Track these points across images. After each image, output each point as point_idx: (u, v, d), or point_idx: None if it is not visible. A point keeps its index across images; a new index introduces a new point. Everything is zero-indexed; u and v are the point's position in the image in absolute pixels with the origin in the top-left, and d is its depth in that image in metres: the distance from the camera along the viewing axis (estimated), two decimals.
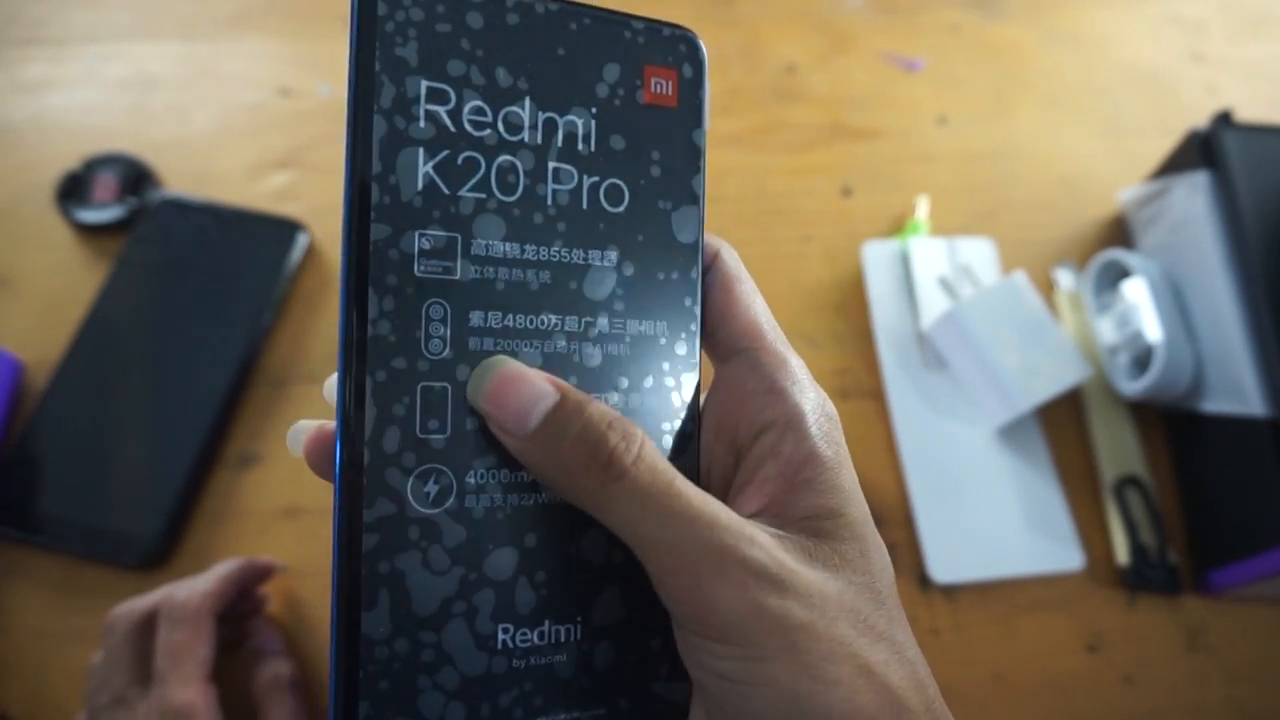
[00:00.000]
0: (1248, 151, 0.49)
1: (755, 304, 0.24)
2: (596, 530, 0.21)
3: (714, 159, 0.68)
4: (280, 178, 0.55)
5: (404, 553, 0.20)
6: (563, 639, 0.21)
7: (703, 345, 0.24)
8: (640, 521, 0.19)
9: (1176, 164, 0.54)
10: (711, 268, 0.24)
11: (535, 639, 0.21)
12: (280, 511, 0.46)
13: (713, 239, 0.24)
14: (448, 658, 0.20)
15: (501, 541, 0.21)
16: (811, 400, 0.22)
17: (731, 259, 0.24)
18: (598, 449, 0.19)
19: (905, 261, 0.55)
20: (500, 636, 0.20)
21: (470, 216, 0.21)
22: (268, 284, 0.50)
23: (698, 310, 0.23)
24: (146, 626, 0.37)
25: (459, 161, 0.21)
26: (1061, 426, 0.52)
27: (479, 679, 0.20)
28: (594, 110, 0.22)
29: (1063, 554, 0.48)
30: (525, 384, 0.20)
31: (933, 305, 0.54)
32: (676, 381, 0.23)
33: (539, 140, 0.21)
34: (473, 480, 0.20)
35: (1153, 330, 0.49)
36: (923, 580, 0.47)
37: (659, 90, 0.23)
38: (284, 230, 0.51)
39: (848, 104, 0.63)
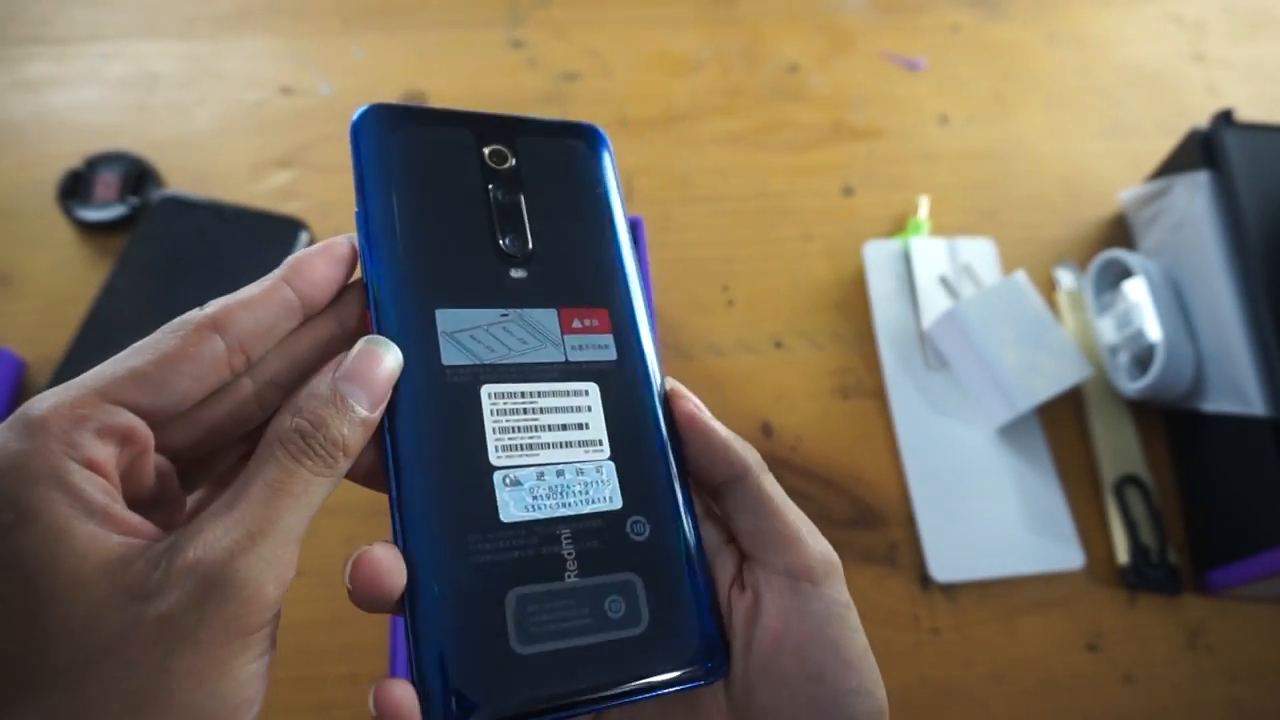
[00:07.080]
0: (1248, 151, 0.49)
1: (778, 493, 0.23)
2: None
3: (717, 158, 0.67)
4: (281, 176, 0.56)
5: None
6: None
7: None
8: None
9: (1177, 164, 0.54)
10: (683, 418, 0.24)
11: None
12: None
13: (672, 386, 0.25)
14: None
15: None
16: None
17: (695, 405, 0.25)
18: None
19: (906, 261, 0.55)
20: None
21: None
22: None
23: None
24: None
25: None
26: (1062, 426, 0.52)
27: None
28: None
29: (1063, 553, 0.48)
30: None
31: (933, 304, 0.54)
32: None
33: None
34: None
35: (1153, 330, 0.49)
36: (923, 579, 0.47)
37: None
38: (285, 229, 0.51)
39: (849, 104, 0.63)
